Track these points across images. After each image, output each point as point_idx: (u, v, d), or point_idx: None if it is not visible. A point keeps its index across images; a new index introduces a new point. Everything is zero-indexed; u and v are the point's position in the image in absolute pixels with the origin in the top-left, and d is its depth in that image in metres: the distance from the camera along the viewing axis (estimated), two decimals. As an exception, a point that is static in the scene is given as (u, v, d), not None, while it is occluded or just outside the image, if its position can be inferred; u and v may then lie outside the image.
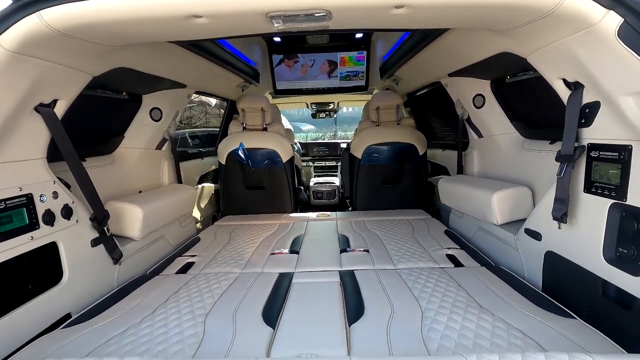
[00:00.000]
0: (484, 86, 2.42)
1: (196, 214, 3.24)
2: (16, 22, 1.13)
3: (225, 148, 3.40)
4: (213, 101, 4.86)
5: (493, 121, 2.45)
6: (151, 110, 2.55)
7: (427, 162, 3.55)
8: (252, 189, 3.47)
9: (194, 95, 3.28)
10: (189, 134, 4.89)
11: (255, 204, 3.47)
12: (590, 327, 1.25)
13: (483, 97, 2.46)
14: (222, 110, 4.39)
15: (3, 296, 1.35)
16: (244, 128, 3.59)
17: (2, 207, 1.29)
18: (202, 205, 3.46)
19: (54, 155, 1.60)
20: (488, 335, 1.26)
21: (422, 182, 3.45)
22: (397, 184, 3.48)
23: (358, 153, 3.46)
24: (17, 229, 1.36)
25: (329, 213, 3.33)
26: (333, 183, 4.75)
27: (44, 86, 1.40)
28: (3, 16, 1.12)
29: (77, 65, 1.51)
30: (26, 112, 1.37)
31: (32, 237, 1.43)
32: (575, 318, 1.32)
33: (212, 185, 3.76)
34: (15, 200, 1.35)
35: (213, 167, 3.86)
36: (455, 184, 2.63)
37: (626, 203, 1.26)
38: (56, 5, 1.13)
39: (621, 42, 1.09)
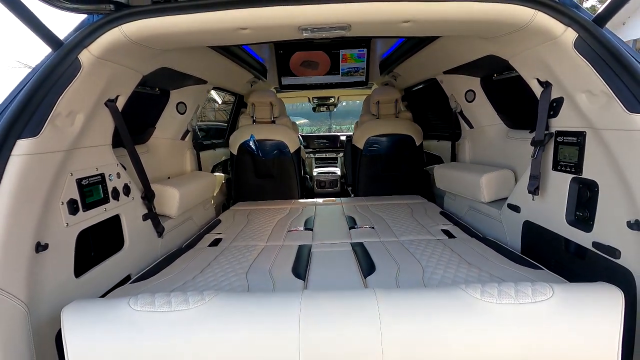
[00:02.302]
0: (474, 83, 2.71)
1: None
2: (103, 33, 1.42)
3: (236, 139, 3.68)
4: (214, 95, 5.12)
5: (482, 114, 2.76)
6: (177, 105, 2.83)
7: (423, 152, 3.86)
8: (262, 177, 3.76)
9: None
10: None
11: (265, 191, 3.75)
12: (554, 274, 1.60)
13: (474, 92, 2.76)
14: (217, 104, 4.66)
15: (86, 256, 1.65)
16: (254, 121, 3.87)
17: (87, 182, 1.59)
18: (214, 193, 3.74)
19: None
20: (475, 281, 1.60)
21: (418, 170, 3.76)
22: (395, 172, 3.77)
23: (360, 144, 3.76)
24: (96, 201, 1.66)
25: (334, 199, 3.64)
26: (335, 173, 5.05)
27: (112, 84, 1.69)
28: (94, 29, 1.40)
29: (135, 66, 1.80)
30: (100, 106, 1.66)
31: (105, 209, 1.73)
32: (543, 269, 1.66)
33: (222, 174, 4.04)
34: (94, 178, 1.65)
35: (224, 158, 4.12)
36: (449, 170, 2.96)
37: (582, 176, 1.60)
38: (135, 20, 1.42)
39: (576, 52, 1.42)
